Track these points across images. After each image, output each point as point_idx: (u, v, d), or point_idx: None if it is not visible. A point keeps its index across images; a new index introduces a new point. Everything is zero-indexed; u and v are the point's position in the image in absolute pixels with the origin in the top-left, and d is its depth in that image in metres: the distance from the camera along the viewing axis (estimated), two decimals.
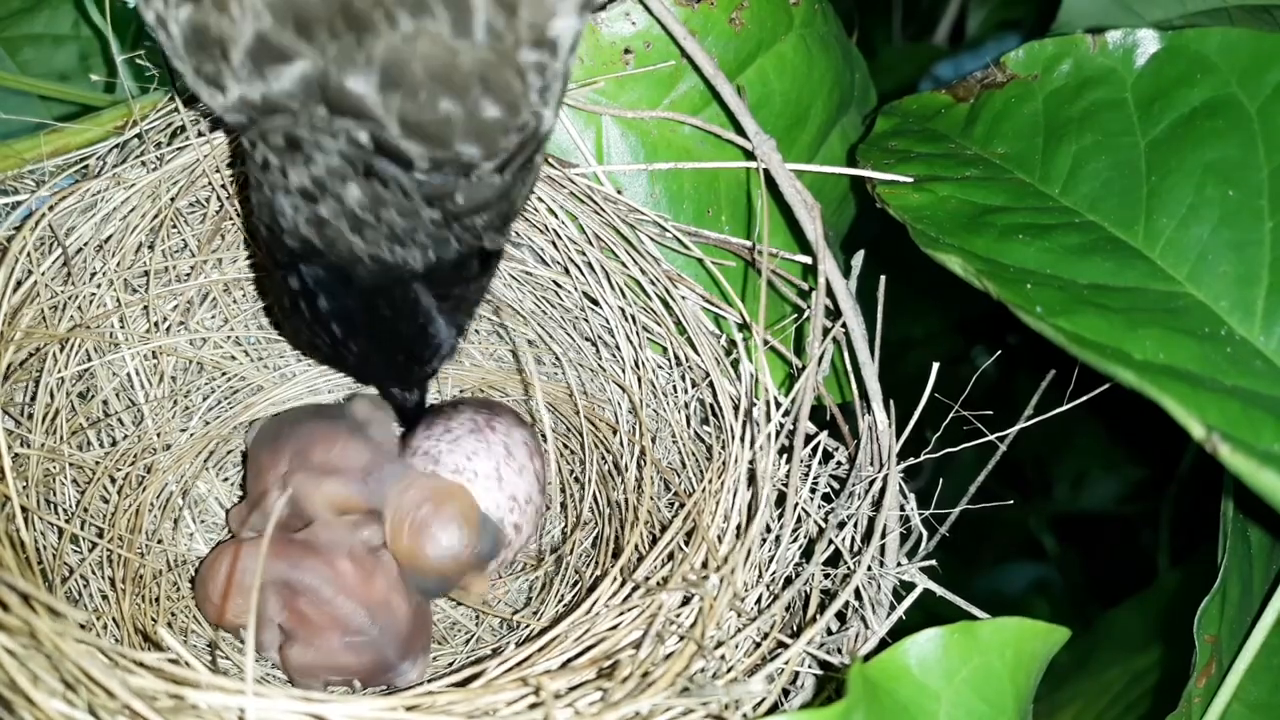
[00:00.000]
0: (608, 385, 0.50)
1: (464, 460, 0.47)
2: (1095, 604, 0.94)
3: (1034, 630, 0.33)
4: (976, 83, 0.47)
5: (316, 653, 0.44)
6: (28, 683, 0.28)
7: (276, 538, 0.44)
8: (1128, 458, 0.97)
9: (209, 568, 0.45)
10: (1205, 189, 0.39)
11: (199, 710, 0.29)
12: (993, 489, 0.40)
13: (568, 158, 0.46)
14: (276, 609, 0.44)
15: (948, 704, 0.31)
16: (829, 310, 0.43)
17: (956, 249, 0.39)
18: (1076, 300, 0.36)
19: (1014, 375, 0.85)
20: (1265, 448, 0.31)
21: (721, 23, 0.46)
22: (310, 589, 0.44)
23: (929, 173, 0.44)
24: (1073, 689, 0.63)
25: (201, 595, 0.45)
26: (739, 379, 0.43)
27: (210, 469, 0.52)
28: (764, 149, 0.44)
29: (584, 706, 0.32)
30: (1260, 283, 0.37)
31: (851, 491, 0.40)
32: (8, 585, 0.31)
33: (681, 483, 0.46)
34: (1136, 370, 0.32)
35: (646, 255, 0.45)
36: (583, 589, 0.48)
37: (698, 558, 0.38)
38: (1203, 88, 0.41)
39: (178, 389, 0.50)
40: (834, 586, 0.39)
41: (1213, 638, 0.41)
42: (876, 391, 0.41)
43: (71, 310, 0.44)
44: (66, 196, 0.43)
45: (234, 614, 0.44)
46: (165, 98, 0.45)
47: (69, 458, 0.44)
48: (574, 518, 0.52)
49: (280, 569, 0.44)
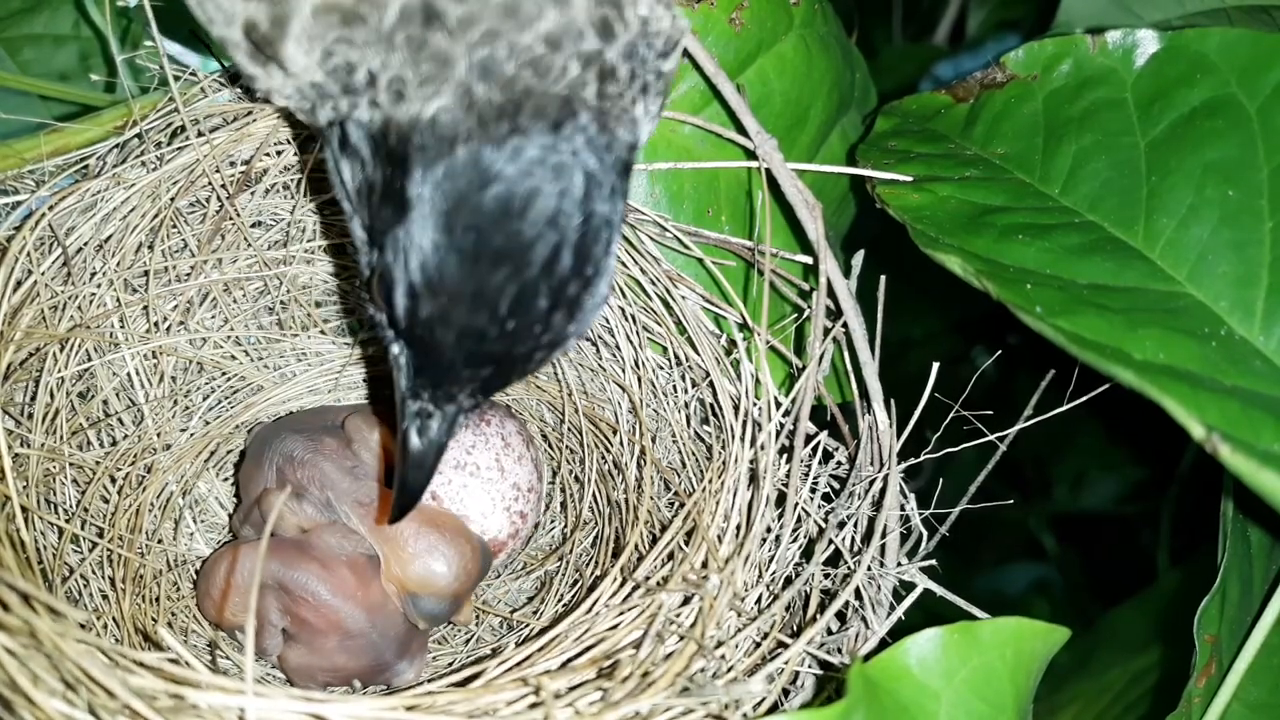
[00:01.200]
0: (608, 385, 0.50)
1: (464, 454, 0.47)
2: (1095, 604, 0.94)
3: (1034, 630, 0.33)
4: (976, 83, 0.47)
5: (315, 654, 0.44)
6: (28, 683, 0.28)
7: (277, 542, 0.44)
8: (1128, 458, 0.98)
9: (210, 567, 0.45)
10: (1205, 189, 0.39)
11: (199, 710, 0.29)
12: (993, 489, 0.40)
13: None
14: (277, 613, 0.44)
15: (948, 704, 0.31)
16: (829, 310, 0.43)
17: (956, 249, 0.39)
18: (1076, 300, 0.36)
19: (1014, 375, 0.85)
20: (1265, 448, 0.31)
21: (721, 23, 0.46)
22: (310, 592, 0.44)
23: (929, 173, 0.44)
24: (1073, 689, 0.63)
25: (202, 592, 0.45)
26: (739, 379, 0.43)
27: (210, 469, 0.52)
28: (765, 148, 0.44)
29: (584, 706, 0.32)
30: (1260, 283, 0.37)
31: (851, 491, 0.40)
32: (8, 585, 0.31)
33: (681, 482, 0.46)
34: (1136, 370, 0.32)
35: (647, 255, 0.45)
36: (583, 589, 0.48)
37: (698, 557, 0.38)
38: (1202, 88, 0.41)
39: (178, 389, 0.50)
40: (834, 586, 0.39)
41: (1213, 638, 0.41)
42: (877, 391, 0.41)
43: (71, 310, 0.44)
44: (66, 196, 0.43)
45: (233, 613, 0.44)
46: (165, 98, 0.45)
47: (69, 458, 0.44)
48: (574, 517, 0.52)
49: (280, 572, 0.44)
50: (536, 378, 0.53)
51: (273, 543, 0.44)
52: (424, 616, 0.46)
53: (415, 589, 0.45)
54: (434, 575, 0.45)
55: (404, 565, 0.45)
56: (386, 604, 0.45)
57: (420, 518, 0.45)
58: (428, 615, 0.46)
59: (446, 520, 0.46)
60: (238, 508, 0.50)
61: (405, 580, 0.45)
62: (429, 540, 0.45)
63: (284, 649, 0.44)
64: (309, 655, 0.44)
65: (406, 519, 0.41)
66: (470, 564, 0.45)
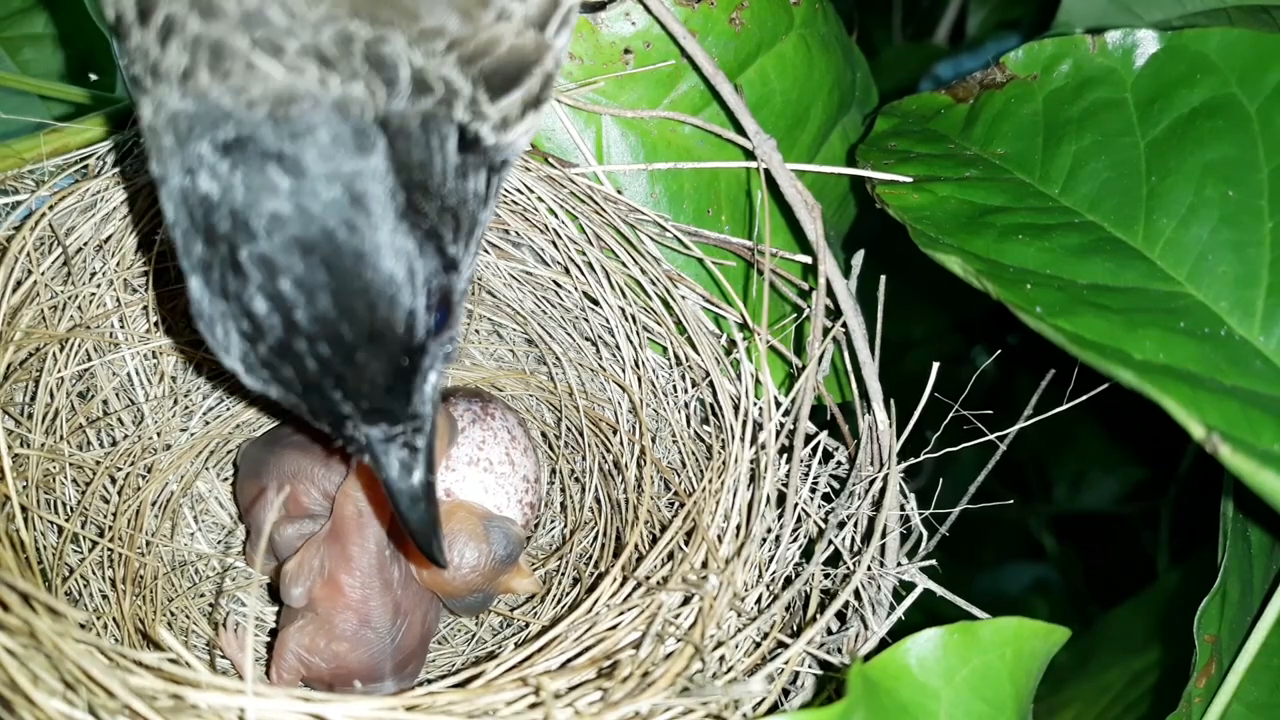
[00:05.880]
0: (608, 385, 0.50)
1: (475, 450, 0.47)
2: (1095, 604, 0.94)
3: (1034, 630, 0.33)
4: (976, 83, 0.47)
5: (323, 633, 0.43)
6: (28, 682, 0.28)
7: (352, 520, 0.44)
8: (1128, 458, 0.98)
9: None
10: (1205, 189, 0.39)
11: (199, 710, 0.29)
12: (993, 489, 0.40)
13: (568, 157, 0.46)
14: (316, 565, 0.44)
15: (948, 704, 0.31)
16: (829, 310, 0.43)
17: (956, 249, 0.39)
18: (1076, 300, 0.36)
19: (1014, 375, 0.85)
20: (1265, 448, 0.31)
21: (721, 23, 0.46)
22: (361, 568, 0.43)
23: (929, 173, 0.44)
24: (1073, 689, 0.63)
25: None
26: (739, 379, 0.43)
27: (210, 469, 0.52)
28: (764, 149, 0.44)
29: (584, 706, 0.32)
30: (1260, 283, 0.37)
31: (851, 491, 0.40)
32: (8, 585, 0.31)
33: (681, 482, 0.46)
34: (1136, 370, 0.32)
35: (647, 255, 0.45)
36: (583, 589, 0.48)
37: (698, 557, 0.38)
38: (1202, 88, 0.41)
39: (178, 389, 0.50)
40: (834, 586, 0.39)
41: (1213, 638, 0.41)
42: (877, 391, 0.41)
43: (71, 310, 0.44)
44: (66, 196, 0.43)
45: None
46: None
47: (69, 457, 0.44)
48: (574, 517, 0.52)
49: (344, 541, 0.44)
50: (535, 376, 0.53)
51: (350, 517, 0.44)
52: (466, 611, 0.46)
53: (446, 587, 0.45)
54: (457, 568, 0.45)
55: (435, 571, 0.45)
56: (411, 617, 0.45)
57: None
58: (468, 610, 0.46)
59: (456, 511, 0.46)
60: (249, 536, 0.49)
61: (436, 580, 0.45)
62: (449, 539, 0.45)
63: (292, 621, 0.44)
64: (316, 633, 0.43)
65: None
66: (489, 548, 0.45)
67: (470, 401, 0.49)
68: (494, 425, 0.48)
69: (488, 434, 0.48)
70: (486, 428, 0.48)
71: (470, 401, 0.49)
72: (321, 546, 0.44)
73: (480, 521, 0.46)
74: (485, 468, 0.47)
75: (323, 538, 0.44)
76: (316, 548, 0.44)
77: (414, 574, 0.45)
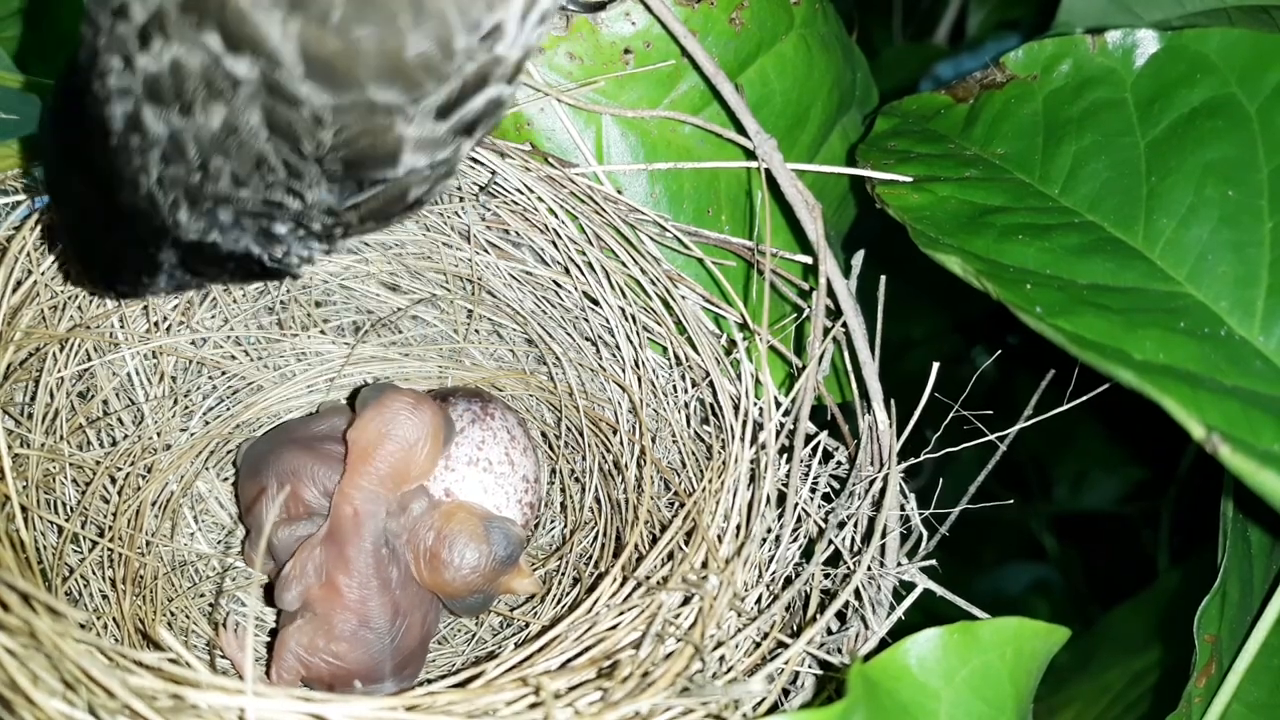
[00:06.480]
0: (608, 385, 0.50)
1: (475, 450, 0.47)
2: (1095, 604, 0.94)
3: (1034, 630, 0.33)
4: (976, 83, 0.47)
5: (323, 630, 0.43)
6: (28, 683, 0.28)
7: (349, 521, 0.44)
8: (1128, 458, 0.98)
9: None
10: (1205, 189, 0.39)
11: (199, 710, 0.29)
12: (993, 489, 0.40)
13: (568, 157, 0.46)
14: (314, 569, 0.44)
15: (948, 704, 0.31)
16: (829, 310, 0.43)
17: (956, 249, 0.39)
18: (1076, 300, 0.36)
19: (1014, 375, 0.85)
20: (1265, 448, 0.31)
21: (721, 22, 0.46)
22: (359, 569, 0.43)
23: (928, 173, 0.44)
24: (1073, 689, 0.63)
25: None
26: (739, 379, 0.43)
27: (210, 469, 0.52)
28: (765, 148, 0.44)
29: (584, 706, 0.32)
30: (1260, 283, 0.37)
31: (851, 491, 0.40)
32: (8, 585, 0.31)
33: (681, 482, 0.46)
34: (1136, 370, 0.32)
35: (647, 255, 0.45)
36: (583, 589, 0.48)
37: (698, 557, 0.38)
38: (1202, 88, 0.41)
39: (178, 389, 0.50)
40: (834, 586, 0.39)
41: (1213, 638, 0.41)
42: (877, 391, 0.41)
43: (71, 310, 0.44)
44: None
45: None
46: None
47: (69, 457, 0.44)
48: (574, 517, 0.52)
49: (341, 542, 0.44)
50: (535, 376, 0.53)
51: (349, 516, 0.44)
52: (466, 612, 0.46)
53: (447, 587, 0.45)
54: (457, 569, 0.45)
55: (430, 566, 0.45)
56: (410, 618, 0.45)
57: (431, 516, 0.45)
58: (468, 610, 0.46)
59: (456, 511, 0.46)
60: (248, 536, 0.49)
61: (436, 581, 0.45)
62: (444, 536, 0.45)
63: (292, 621, 0.44)
64: (316, 633, 0.43)
65: (419, 520, 0.44)
66: (489, 548, 0.45)
67: (470, 401, 0.49)
68: (493, 425, 0.48)
69: (487, 434, 0.48)
70: (486, 428, 0.48)
71: (470, 401, 0.49)
72: (318, 548, 0.44)
73: (480, 522, 0.46)
74: (485, 468, 0.47)
75: (320, 539, 0.44)
76: (311, 550, 0.44)
77: (414, 574, 0.45)
